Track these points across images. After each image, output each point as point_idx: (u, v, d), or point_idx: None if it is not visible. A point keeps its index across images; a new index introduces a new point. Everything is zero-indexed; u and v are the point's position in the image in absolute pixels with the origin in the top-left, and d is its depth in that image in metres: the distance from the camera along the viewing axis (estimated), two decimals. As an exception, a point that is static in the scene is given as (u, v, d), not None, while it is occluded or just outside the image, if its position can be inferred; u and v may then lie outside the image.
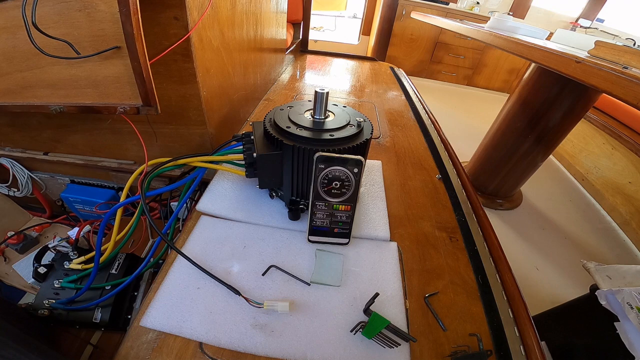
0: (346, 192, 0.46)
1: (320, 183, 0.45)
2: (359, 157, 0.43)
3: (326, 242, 0.51)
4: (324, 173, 0.44)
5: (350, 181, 0.45)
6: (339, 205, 0.47)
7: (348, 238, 0.51)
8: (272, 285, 0.45)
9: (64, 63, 0.44)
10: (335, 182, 0.45)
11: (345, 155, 0.43)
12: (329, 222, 0.49)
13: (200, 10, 0.52)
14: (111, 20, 0.39)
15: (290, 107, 0.56)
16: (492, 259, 0.54)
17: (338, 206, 0.47)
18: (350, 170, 0.44)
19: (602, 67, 0.57)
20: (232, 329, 0.40)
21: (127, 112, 0.45)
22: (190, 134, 0.67)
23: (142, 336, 0.39)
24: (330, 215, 0.48)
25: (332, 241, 0.51)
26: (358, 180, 0.45)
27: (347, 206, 0.47)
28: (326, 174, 0.44)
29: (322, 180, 0.45)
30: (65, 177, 0.88)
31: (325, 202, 0.47)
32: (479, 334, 0.42)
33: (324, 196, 0.46)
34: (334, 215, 0.48)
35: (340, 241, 0.51)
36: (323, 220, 0.49)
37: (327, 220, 0.49)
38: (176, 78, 0.56)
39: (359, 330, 0.40)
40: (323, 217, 0.48)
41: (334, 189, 0.46)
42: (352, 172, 0.44)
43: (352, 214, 0.48)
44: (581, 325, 0.78)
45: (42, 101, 0.49)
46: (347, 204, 0.47)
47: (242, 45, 0.79)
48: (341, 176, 0.44)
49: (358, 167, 0.44)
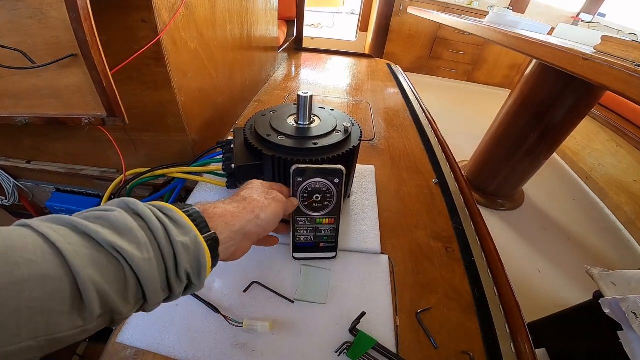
0: (328, 205, 0.43)
1: (300, 197, 0.42)
2: (339, 167, 0.40)
3: (312, 257, 0.48)
4: (303, 187, 0.41)
5: (331, 192, 0.42)
6: (323, 219, 0.44)
7: (335, 252, 0.48)
8: (253, 303, 0.43)
9: (24, 73, 0.41)
10: (315, 195, 0.42)
11: (323, 165, 0.41)
12: (313, 237, 0.46)
13: (172, 11, 0.49)
14: (63, 27, 0.36)
15: (274, 112, 0.52)
16: (490, 269, 0.51)
17: (321, 220, 0.44)
18: (330, 181, 0.41)
19: (612, 64, 0.53)
20: (211, 347, 0.38)
21: (92, 123, 0.42)
22: (170, 142, 0.63)
23: (119, 352, 0.37)
24: (314, 230, 0.45)
25: (318, 256, 0.48)
26: (340, 191, 0.42)
27: (330, 219, 0.45)
28: (305, 187, 0.41)
29: (301, 195, 0.42)
30: (50, 185, 0.86)
31: (307, 217, 0.44)
32: (472, 352, 0.40)
33: (305, 211, 0.43)
34: (317, 229, 0.45)
35: (327, 256, 0.48)
36: (307, 236, 0.46)
37: (311, 236, 0.46)
38: (150, 84, 0.53)
39: (344, 351, 0.38)
40: (306, 233, 0.46)
41: (315, 202, 0.43)
42: (332, 182, 0.41)
43: (337, 227, 0.46)
44: (583, 332, 0.77)
45: (8, 112, 0.46)
46: (330, 217, 0.44)
47: (226, 45, 0.76)
48: (321, 188, 0.42)
49: (339, 177, 0.41)
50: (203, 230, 0.26)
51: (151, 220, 0.23)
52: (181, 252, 0.23)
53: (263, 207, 0.33)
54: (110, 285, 0.19)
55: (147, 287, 0.21)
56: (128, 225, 0.21)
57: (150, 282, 0.21)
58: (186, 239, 0.23)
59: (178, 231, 0.24)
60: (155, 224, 0.22)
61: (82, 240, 0.19)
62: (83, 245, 0.19)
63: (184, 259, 0.23)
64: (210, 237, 0.26)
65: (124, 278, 0.20)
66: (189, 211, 0.26)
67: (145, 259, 0.21)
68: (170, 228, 0.23)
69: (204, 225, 0.26)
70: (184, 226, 0.24)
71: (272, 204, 0.34)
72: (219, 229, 0.28)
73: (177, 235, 0.23)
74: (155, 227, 0.22)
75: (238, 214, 0.31)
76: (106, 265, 0.19)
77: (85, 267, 0.18)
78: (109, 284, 0.19)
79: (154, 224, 0.22)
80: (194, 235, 0.24)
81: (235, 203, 0.32)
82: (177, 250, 0.23)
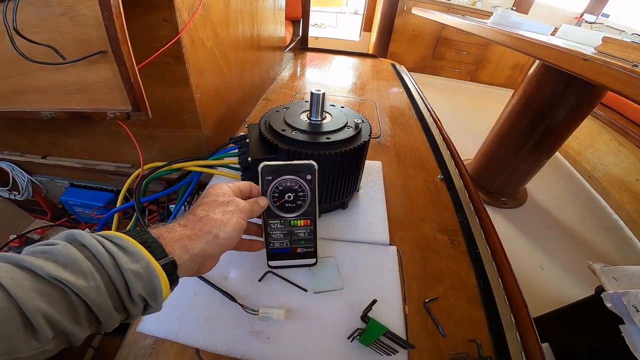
0: (302, 204, 0.40)
1: (271, 197, 0.39)
2: (310, 162, 0.39)
3: (290, 265, 0.45)
4: (273, 185, 0.39)
5: (304, 191, 0.40)
6: (297, 221, 0.41)
7: (315, 257, 0.45)
8: (268, 292, 0.45)
9: (51, 69, 0.42)
10: (287, 194, 0.39)
11: (293, 161, 0.39)
12: (289, 242, 0.43)
13: (191, 10, 0.51)
14: (94, 24, 0.38)
15: (287, 108, 0.54)
16: (495, 262, 0.53)
17: (296, 222, 0.41)
18: (302, 178, 0.39)
19: (611, 65, 0.55)
20: (228, 335, 0.40)
21: (117, 117, 0.44)
22: (186, 137, 0.66)
23: (139, 342, 0.39)
24: (289, 234, 0.42)
25: (296, 264, 0.44)
26: (314, 188, 0.40)
27: (306, 220, 0.41)
28: (275, 185, 0.39)
29: (272, 194, 0.39)
30: (64, 180, 0.88)
31: (280, 219, 0.41)
32: (479, 340, 0.41)
33: (277, 212, 0.40)
34: (293, 233, 0.42)
35: (305, 263, 0.45)
36: (282, 240, 0.42)
37: (287, 240, 0.42)
38: (169, 81, 0.55)
39: (357, 337, 0.39)
40: (281, 237, 0.42)
41: (288, 202, 0.40)
42: (304, 179, 0.39)
43: (314, 229, 0.42)
44: (585, 327, 0.78)
45: (33, 107, 0.48)
46: (305, 218, 0.41)
47: (238, 45, 0.78)
48: (293, 186, 0.39)
49: (311, 174, 0.39)
50: (159, 256, 0.26)
51: (97, 250, 0.24)
52: (132, 278, 0.24)
53: (221, 225, 0.32)
54: (59, 312, 0.21)
55: (98, 312, 0.23)
56: (72, 256, 0.22)
57: (100, 307, 0.23)
58: (136, 266, 0.24)
59: (128, 259, 0.24)
60: (102, 254, 0.24)
61: (25, 274, 0.21)
62: (26, 279, 0.21)
63: (137, 285, 0.24)
64: (166, 261, 0.26)
65: (72, 305, 0.22)
66: (143, 238, 0.27)
67: (92, 287, 0.22)
68: (118, 256, 0.24)
69: (160, 251, 0.27)
70: (134, 254, 0.25)
71: (231, 219, 0.32)
72: (177, 253, 0.28)
73: (126, 263, 0.24)
74: (102, 257, 0.23)
75: (194, 236, 0.30)
76: (52, 295, 0.21)
77: (31, 298, 0.20)
78: (57, 311, 0.21)
79: (100, 254, 0.23)
80: (146, 261, 0.25)
81: (192, 224, 0.31)
82: (128, 277, 0.24)
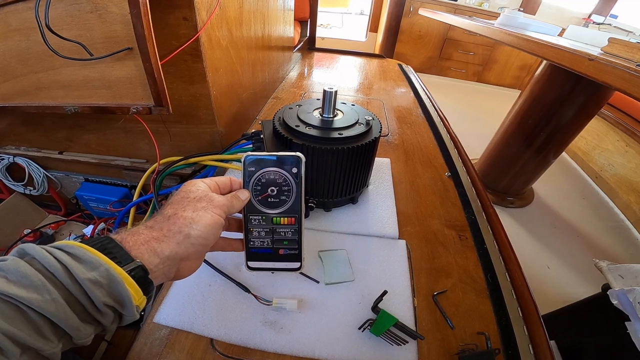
0: (287, 200, 0.36)
1: (253, 190, 0.36)
2: (297, 154, 0.35)
3: (271, 268, 0.39)
4: (256, 177, 0.36)
5: (289, 185, 0.36)
6: (280, 218, 0.37)
7: (299, 261, 0.38)
8: (281, 283, 0.46)
9: (77, 64, 0.44)
10: (270, 187, 0.36)
11: (279, 152, 0.36)
12: (271, 241, 0.38)
13: (209, 10, 0.52)
14: (122, 21, 0.40)
15: (299, 105, 0.56)
16: (502, 257, 0.54)
17: (279, 219, 0.37)
18: (287, 171, 0.35)
19: (615, 64, 0.57)
20: (242, 325, 0.41)
21: (140, 112, 0.46)
22: (200, 133, 0.68)
23: (155, 332, 0.40)
24: (270, 232, 0.37)
25: (279, 267, 0.38)
26: (300, 183, 0.36)
27: (290, 218, 0.37)
28: (258, 178, 0.36)
29: (254, 187, 0.36)
30: (79, 175, 0.90)
31: (261, 215, 0.37)
32: (487, 333, 0.42)
33: (259, 207, 0.36)
34: (275, 231, 0.37)
35: (289, 266, 0.38)
36: (263, 239, 0.37)
37: (268, 239, 0.37)
38: (186, 78, 0.57)
39: (367, 327, 0.40)
40: (262, 236, 0.37)
41: (271, 197, 0.36)
42: (290, 172, 0.35)
43: (299, 229, 0.37)
44: (591, 324, 0.78)
45: (57, 102, 0.50)
46: (289, 216, 0.37)
47: (250, 44, 0.80)
48: (277, 179, 0.36)
49: (297, 167, 0.35)
50: (123, 262, 0.25)
51: (48, 262, 0.22)
52: (91, 287, 0.22)
53: (192, 222, 0.29)
54: (19, 329, 0.20)
55: (64, 325, 0.22)
56: (21, 271, 0.21)
57: (63, 320, 0.21)
58: (93, 274, 0.23)
59: (83, 267, 0.23)
60: (53, 265, 0.22)
61: None
62: None
63: (99, 294, 0.23)
64: (133, 267, 0.25)
65: (31, 320, 0.21)
66: (102, 244, 0.25)
67: (47, 300, 0.21)
68: (72, 266, 0.23)
69: (125, 256, 0.25)
70: (90, 262, 0.23)
71: (204, 215, 0.30)
72: (145, 257, 0.26)
73: (82, 272, 0.23)
74: (54, 268, 0.22)
75: (163, 238, 0.28)
76: (7, 312, 0.20)
77: None
78: (17, 327, 0.20)
79: (52, 265, 0.22)
80: (105, 269, 0.23)
81: (159, 225, 0.29)
82: (86, 286, 0.22)
